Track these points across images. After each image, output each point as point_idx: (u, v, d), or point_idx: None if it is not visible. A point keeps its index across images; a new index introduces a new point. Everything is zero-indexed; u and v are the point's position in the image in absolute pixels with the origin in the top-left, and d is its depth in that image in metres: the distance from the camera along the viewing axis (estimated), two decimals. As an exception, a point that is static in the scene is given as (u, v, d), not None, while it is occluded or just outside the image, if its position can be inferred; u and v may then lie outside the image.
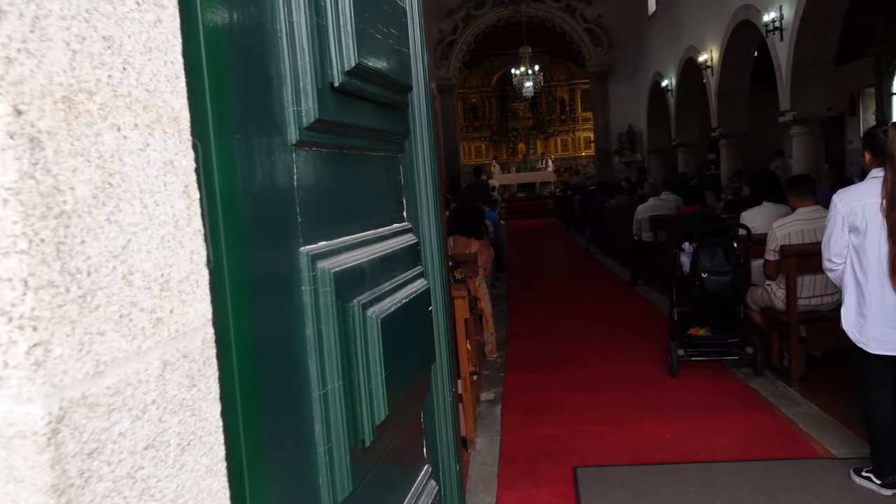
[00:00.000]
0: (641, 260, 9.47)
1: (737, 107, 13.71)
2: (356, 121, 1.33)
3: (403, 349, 1.44)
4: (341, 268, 1.20)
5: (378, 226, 1.49)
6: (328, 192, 1.25)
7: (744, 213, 5.77)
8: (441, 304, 1.92)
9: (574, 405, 4.82)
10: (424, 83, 1.89)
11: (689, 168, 16.98)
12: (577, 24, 21.48)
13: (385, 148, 1.55)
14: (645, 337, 6.52)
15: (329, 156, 1.26)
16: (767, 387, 4.88)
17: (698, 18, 14.73)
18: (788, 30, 10.22)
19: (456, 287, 4.12)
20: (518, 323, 7.63)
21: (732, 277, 4.97)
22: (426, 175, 1.88)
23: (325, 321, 1.14)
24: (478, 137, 28.01)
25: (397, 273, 1.49)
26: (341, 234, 1.28)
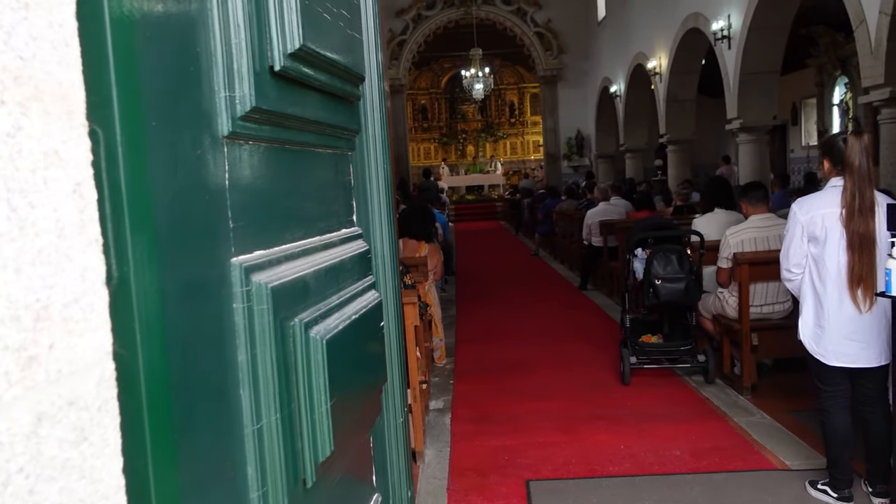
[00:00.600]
0: (591, 264, 9.45)
1: (685, 113, 13.85)
2: (301, 112, 1.16)
3: (352, 372, 1.28)
4: (281, 281, 1.04)
5: (324, 232, 1.32)
6: (267, 194, 1.08)
7: (696, 220, 5.74)
8: (394, 318, 1.76)
9: (525, 413, 4.70)
10: (378, 74, 1.73)
11: (637, 173, 17.12)
12: (528, 27, 21.53)
13: (334, 144, 1.39)
14: (595, 343, 6.46)
15: (269, 151, 1.09)
16: (719, 395, 4.84)
17: (647, 25, 14.85)
18: (736, 39, 10.34)
19: (406, 293, 3.96)
20: (467, 328, 7.50)
21: (686, 284, 4.92)
22: (378, 176, 1.72)
23: (260, 344, 0.98)
24: (427, 139, 27.89)
25: (346, 285, 1.33)
26: (282, 242, 1.12)
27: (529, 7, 21.36)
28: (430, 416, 4.78)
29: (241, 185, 0.99)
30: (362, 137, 1.65)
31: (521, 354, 6.23)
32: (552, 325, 7.39)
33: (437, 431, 4.49)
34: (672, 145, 14.24)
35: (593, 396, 4.96)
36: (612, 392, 5.04)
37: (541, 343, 6.62)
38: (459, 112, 27.96)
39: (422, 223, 5.86)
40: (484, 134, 27.86)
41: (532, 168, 25.97)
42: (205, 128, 0.88)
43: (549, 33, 21.57)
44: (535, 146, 27.02)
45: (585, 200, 11.25)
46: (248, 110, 0.97)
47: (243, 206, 0.99)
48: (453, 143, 27.98)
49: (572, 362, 5.89)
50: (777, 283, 4.75)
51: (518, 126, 27.91)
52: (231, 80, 0.94)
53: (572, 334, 6.91)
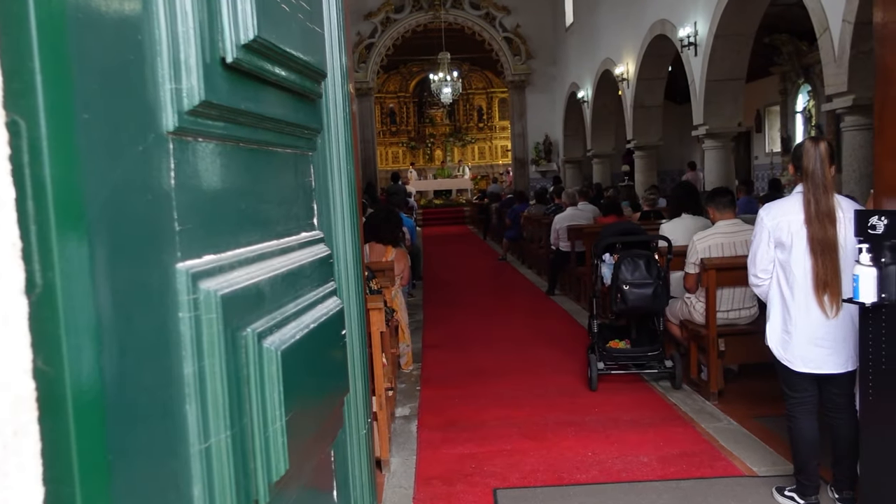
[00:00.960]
0: (559, 269, 9.45)
1: (652, 119, 13.95)
2: (257, 108, 1.09)
3: (311, 384, 1.21)
4: (232, 288, 0.97)
5: (282, 235, 1.25)
6: (219, 195, 1.01)
7: (663, 225, 5.75)
8: (357, 326, 1.69)
9: (492, 420, 4.65)
10: (342, 73, 1.66)
11: (604, 179, 17.22)
12: (496, 32, 21.55)
13: (293, 144, 1.32)
14: (563, 348, 6.44)
15: (221, 149, 1.02)
16: (686, 401, 4.83)
17: (615, 32, 14.94)
18: (703, 45, 10.43)
19: (372, 298, 3.89)
20: (435, 333, 7.43)
21: (654, 290, 4.91)
22: (342, 177, 1.66)
23: (209, 356, 0.91)
24: (395, 143, 27.80)
25: (304, 292, 1.26)
26: (235, 246, 1.05)
27: (498, 12, 21.39)
28: (397, 424, 4.70)
29: (189, 184, 0.92)
30: (325, 137, 1.59)
31: (488, 360, 6.18)
32: (520, 331, 7.36)
33: (403, 439, 4.42)
34: (639, 151, 14.33)
35: (561, 403, 4.93)
36: (579, 398, 5.01)
37: (508, 349, 6.58)
38: (428, 116, 27.92)
39: (388, 227, 5.78)
40: (452, 138, 27.85)
41: (500, 173, 26.02)
42: (147, 122, 0.81)
43: (517, 38, 21.63)
44: (504, 151, 27.08)
45: (553, 205, 11.25)
46: (196, 104, 0.90)
47: (191, 208, 0.92)
48: (421, 148, 27.93)
49: (540, 368, 5.85)
50: (744, 289, 4.76)
51: (486, 131, 27.95)
52: (177, 72, 0.87)
53: (540, 340, 6.88)
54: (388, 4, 21.11)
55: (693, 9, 10.68)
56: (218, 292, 0.93)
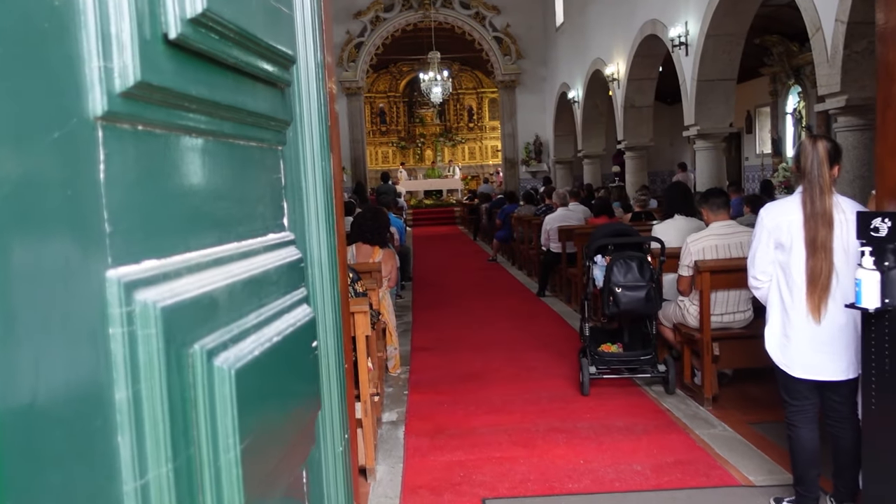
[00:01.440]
0: (549, 271, 9.34)
1: (642, 120, 13.87)
2: (209, 94, 0.96)
3: (273, 404, 1.09)
4: (177, 299, 0.85)
5: (244, 237, 1.13)
6: (164, 191, 0.89)
7: (656, 227, 5.64)
8: (333, 335, 1.56)
9: (482, 427, 4.53)
10: (316, 60, 1.54)
11: (595, 179, 17.14)
12: (486, 32, 21.45)
13: (258, 136, 1.19)
14: (554, 351, 6.32)
15: (168, 140, 0.90)
16: (680, 406, 4.72)
17: (606, 32, 14.86)
18: (694, 45, 10.34)
19: (356, 301, 3.76)
20: (423, 335, 7.31)
21: (647, 292, 4.80)
22: (316, 173, 1.53)
23: (146, 379, 0.78)
24: (385, 142, 27.66)
25: (269, 300, 1.13)
26: (184, 250, 0.92)
27: (488, 11, 21.29)
28: (383, 430, 4.58)
29: (125, 179, 0.79)
30: (296, 130, 1.46)
31: (478, 364, 6.06)
32: (510, 334, 7.24)
33: (390, 446, 4.30)
34: (630, 151, 14.25)
35: (552, 408, 4.81)
36: (570, 403, 4.90)
37: (498, 352, 6.46)
38: (418, 116, 27.79)
39: (376, 227, 5.65)
40: (442, 138, 27.73)
41: (490, 173, 25.91)
42: (66, 105, 0.69)
43: (507, 38, 21.53)
44: (494, 151, 26.98)
45: (544, 206, 11.15)
46: (131, 85, 0.77)
47: (127, 206, 0.79)
48: (412, 147, 27.80)
49: (530, 372, 5.74)
50: (738, 292, 4.66)
51: (476, 131, 27.85)
52: (107, 47, 0.74)
53: (531, 343, 6.76)
54: (378, 3, 20.98)
55: (684, 9, 10.60)
56: (158, 304, 0.80)
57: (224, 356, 0.92)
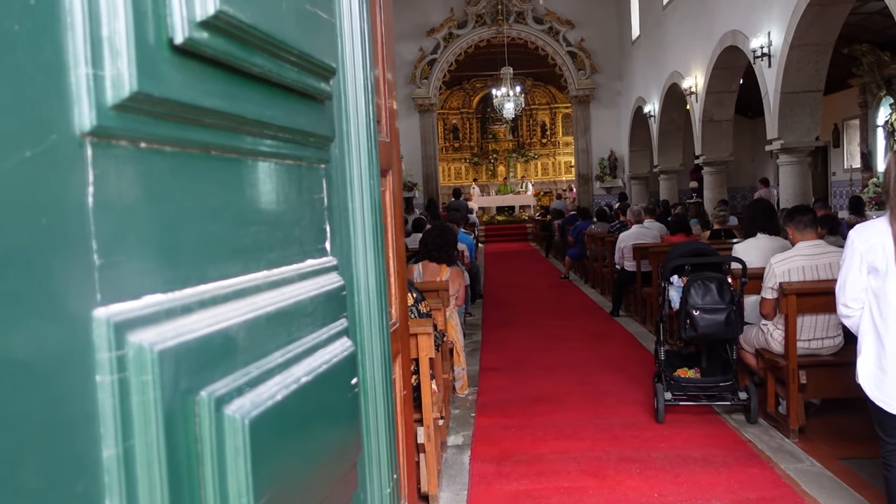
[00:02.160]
0: (623, 290, 9.07)
1: (721, 134, 13.44)
2: (228, 106, 0.87)
3: (299, 454, 0.97)
4: (182, 339, 0.74)
5: (276, 264, 1.02)
6: (172, 216, 0.79)
7: (736, 246, 5.37)
8: (379, 369, 1.45)
9: (550, 454, 4.35)
10: (365, 72, 1.43)
11: (672, 196, 16.71)
12: (560, 46, 21.27)
13: (294, 154, 1.09)
14: (628, 375, 6.08)
15: (177, 158, 0.80)
16: (763, 437, 4.44)
17: (683, 44, 14.49)
18: (777, 56, 9.95)
19: (419, 322, 3.66)
20: (492, 355, 7.16)
21: (727, 316, 4.54)
22: (363, 194, 1.42)
23: (141, 433, 0.68)
24: (458, 159, 27.67)
25: (300, 334, 1.02)
26: (198, 281, 0.82)
27: (562, 26, 21.11)
28: (448, 454, 4.45)
29: (121, 203, 0.70)
30: (342, 147, 1.36)
31: (547, 387, 5.88)
32: (582, 355, 7.02)
33: (455, 472, 4.16)
34: (708, 167, 13.82)
35: (624, 436, 4.59)
36: (644, 431, 4.67)
37: (569, 374, 6.25)
38: (491, 132, 27.73)
39: (442, 245, 5.55)
40: (515, 154, 27.58)
41: (563, 189, 25.61)
42: (43, 118, 0.59)
43: (581, 52, 21.29)
44: (567, 167, 26.67)
45: (618, 223, 10.88)
46: (126, 97, 0.68)
47: (123, 233, 0.69)
48: (484, 164, 27.73)
49: (602, 397, 5.52)
50: (827, 316, 4.37)
51: (549, 146, 27.59)
52: (97, 52, 0.65)
53: (603, 365, 6.53)
54: (451, 20, 21.06)
55: (767, 18, 10.21)
56: (156, 346, 0.70)
57: (238, 403, 0.81)
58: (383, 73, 2.22)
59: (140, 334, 0.69)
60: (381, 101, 2.21)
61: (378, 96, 2.17)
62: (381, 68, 2.19)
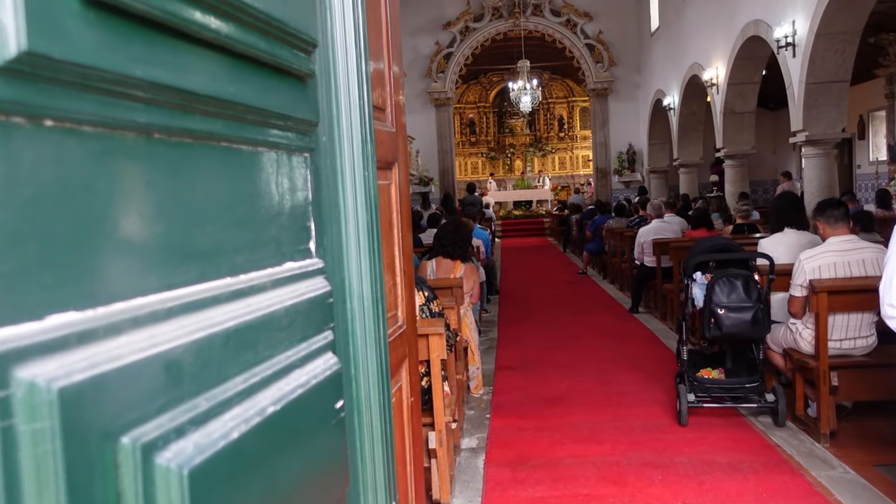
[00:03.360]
0: (643, 286, 8.86)
1: (743, 126, 13.16)
2: (171, 79, 0.71)
3: (266, 497, 0.82)
4: (97, 371, 0.59)
5: (243, 270, 0.86)
6: (93, 213, 0.63)
7: (762, 241, 5.15)
8: (375, 387, 1.28)
9: (568, 458, 4.18)
10: (358, 48, 1.27)
11: (692, 189, 16.44)
12: (578, 39, 20.99)
13: (267, 140, 0.93)
14: (648, 374, 5.89)
15: (96, 141, 0.64)
16: (792, 441, 4.24)
17: (704, 35, 14.21)
18: (802, 46, 9.67)
19: (431, 322, 3.50)
20: (508, 353, 6.99)
21: (753, 314, 4.34)
22: (357, 187, 1.26)
23: (37, 492, 0.53)
24: (474, 153, 27.45)
25: (272, 352, 0.87)
26: (130, 294, 0.66)
27: (579, 18, 20.83)
28: (462, 458, 4.29)
29: (15, 197, 0.54)
30: (332, 134, 1.20)
31: (565, 386, 5.70)
32: (600, 353, 6.83)
33: (468, 477, 4.00)
34: (729, 160, 13.54)
35: (645, 439, 4.41)
36: (667, 434, 4.48)
37: (587, 373, 6.07)
38: (507, 126, 27.47)
39: (456, 241, 5.38)
40: (532, 148, 27.31)
41: (581, 183, 25.34)
42: None
43: (599, 45, 21.01)
44: (585, 161, 26.38)
45: (637, 217, 10.65)
46: (11, 58, 0.53)
47: (17, 236, 0.54)
48: (501, 158, 27.49)
49: (621, 397, 5.34)
50: (860, 315, 4.16)
51: (567, 140, 27.29)
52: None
53: (622, 364, 6.34)
54: (468, 13, 20.85)
55: (791, 7, 9.93)
56: (55, 383, 0.55)
57: (176, 448, 0.65)
58: (389, 65, 2.05)
59: (33, 368, 0.53)
60: (387, 93, 2.05)
61: (384, 88, 2.01)
62: (387, 60, 2.03)
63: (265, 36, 0.84)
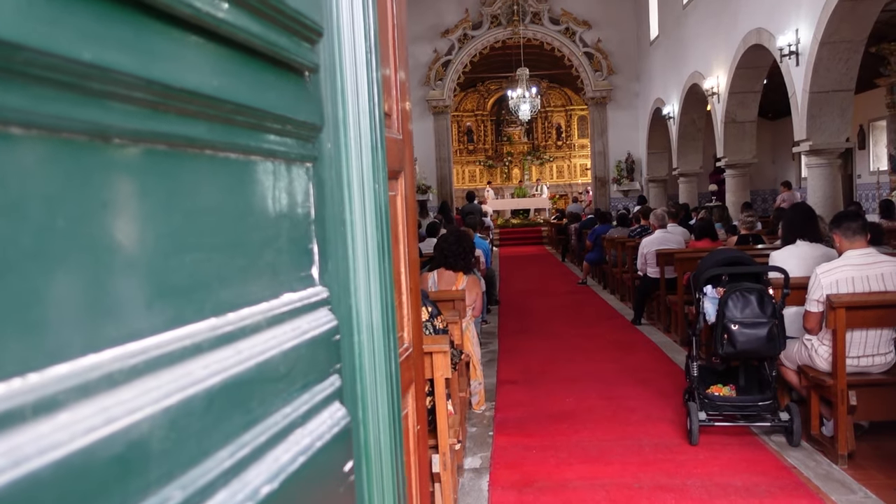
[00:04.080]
0: (646, 297, 8.71)
1: (744, 135, 13.05)
2: (133, 65, 0.54)
3: None
4: (21, 472, 0.43)
5: (232, 307, 0.69)
6: (23, 240, 0.47)
7: (774, 254, 5.00)
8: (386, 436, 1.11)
9: (576, 479, 4.01)
10: (368, 43, 1.11)
11: (691, 199, 16.31)
12: (577, 48, 20.90)
13: (262, 147, 0.76)
14: (654, 389, 5.73)
15: (31, 147, 0.48)
16: (808, 463, 4.08)
17: (705, 44, 14.11)
18: (805, 54, 9.56)
19: (435, 339, 3.33)
20: (510, 366, 6.82)
21: (769, 330, 4.18)
22: (366, 201, 1.09)
23: None
24: (472, 161, 27.35)
25: (266, 411, 0.70)
26: (78, 350, 0.50)
27: (578, 27, 20.75)
28: (465, 479, 4.12)
29: None
30: (338, 140, 1.03)
31: (569, 402, 5.53)
32: (604, 366, 6.67)
33: (473, 500, 3.83)
34: (730, 169, 13.43)
35: (655, 459, 4.24)
36: (677, 454, 4.31)
37: (592, 388, 5.91)
38: (505, 135, 27.39)
39: (460, 252, 5.22)
40: (530, 157, 27.23)
41: (580, 192, 25.24)
42: None
43: (598, 53, 20.92)
44: (583, 169, 26.30)
45: (639, 227, 10.51)
46: None
47: None
48: (499, 166, 27.39)
49: (629, 413, 5.17)
50: (878, 332, 4.01)
51: (565, 149, 27.23)
52: None
53: (627, 378, 6.18)
54: (466, 21, 20.75)
55: (795, 15, 9.83)
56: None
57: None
58: (395, 70, 1.90)
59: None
60: (394, 99, 1.90)
61: (390, 94, 1.86)
62: (394, 64, 1.88)
63: (259, 17, 0.67)
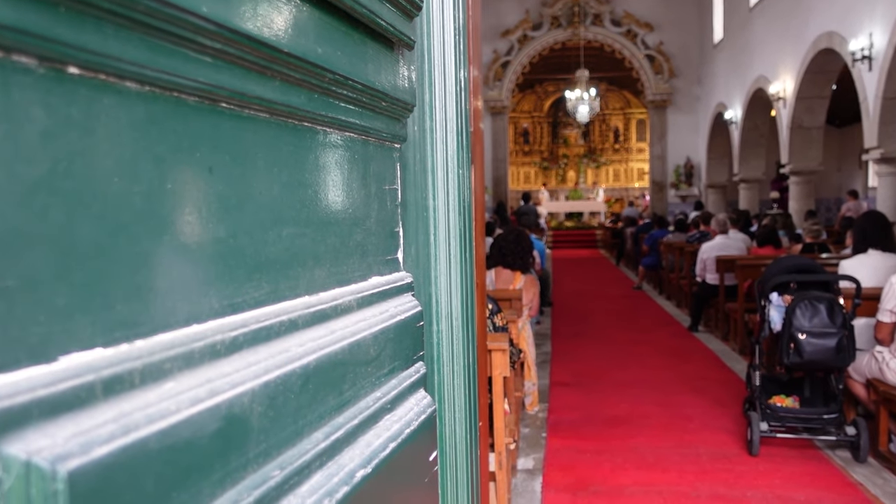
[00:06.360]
0: (703, 303, 8.52)
1: (811, 142, 12.69)
2: (243, 22, 0.52)
3: None
4: (130, 440, 0.40)
5: (325, 286, 0.67)
6: (118, 201, 0.44)
7: (844, 262, 4.83)
8: (462, 430, 1.08)
9: (631, 485, 3.94)
10: (456, 19, 1.08)
11: (752, 206, 15.93)
12: (638, 50, 20.63)
13: (358, 123, 0.74)
14: (711, 398, 5.59)
15: (129, 101, 0.45)
16: (876, 480, 3.93)
17: (771, 47, 13.77)
18: (879, 59, 9.25)
19: (495, 337, 3.29)
20: (563, 368, 6.74)
21: (839, 341, 4.03)
22: (449, 187, 1.07)
23: None
24: (528, 163, 27.21)
25: (358, 394, 0.67)
26: (182, 321, 0.48)
27: (641, 29, 20.47)
28: (518, 479, 4.07)
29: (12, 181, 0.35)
30: (423, 122, 1.01)
31: (623, 407, 5.44)
32: (659, 373, 6.54)
33: (526, 501, 3.78)
34: (795, 176, 13.07)
35: (714, 469, 4.13)
36: (737, 465, 4.20)
37: (646, 394, 5.80)
38: (562, 136, 27.18)
39: (518, 251, 5.17)
40: (586, 159, 26.97)
41: (636, 196, 24.91)
42: None
43: (660, 56, 20.61)
44: (640, 174, 25.95)
45: (698, 233, 10.30)
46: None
47: (7, 242, 0.35)
48: (554, 168, 27.19)
49: (685, 421, 5.06)
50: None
51: (622, 152, 26.88)
52: None
53: (683, 386, 6.05)
54: (526, 22, 20.66)
55: (869, 18, 9.51)
56: (64, 463, 0.35)
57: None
58: (471, 67, 1.87)
59: (33, 439, 0.34)
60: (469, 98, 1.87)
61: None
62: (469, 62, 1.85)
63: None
